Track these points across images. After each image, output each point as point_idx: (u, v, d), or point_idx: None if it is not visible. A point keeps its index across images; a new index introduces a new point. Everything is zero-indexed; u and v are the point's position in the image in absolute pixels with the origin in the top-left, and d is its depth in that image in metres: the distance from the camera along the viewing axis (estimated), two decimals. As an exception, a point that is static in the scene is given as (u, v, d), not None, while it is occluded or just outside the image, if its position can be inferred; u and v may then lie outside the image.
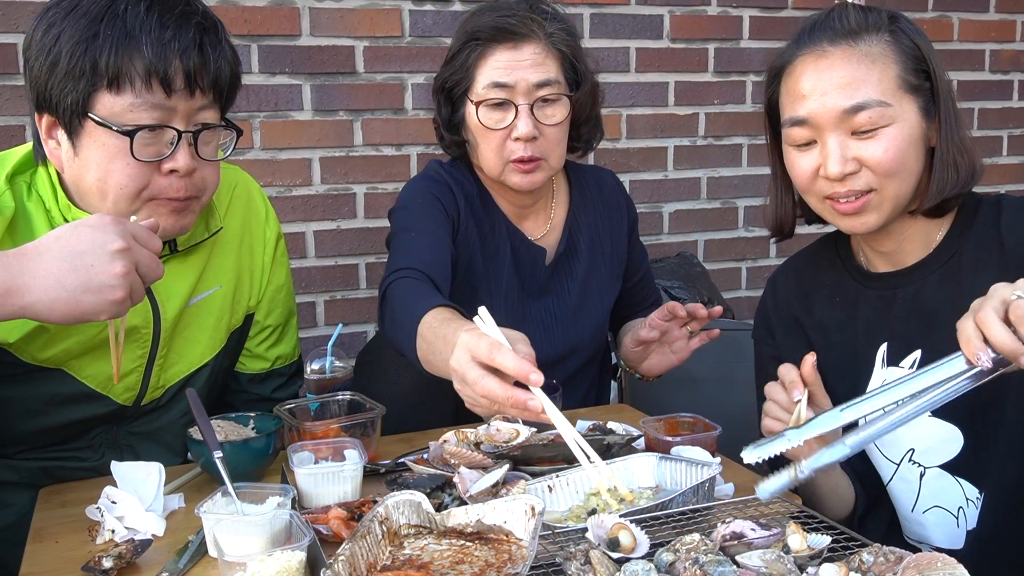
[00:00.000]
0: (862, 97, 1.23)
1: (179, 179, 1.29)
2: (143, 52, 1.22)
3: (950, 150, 1.26)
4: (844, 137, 1.25)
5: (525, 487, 1.14)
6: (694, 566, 0.90)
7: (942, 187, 1.27)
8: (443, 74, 1.69)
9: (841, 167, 1.24)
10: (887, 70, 1.24)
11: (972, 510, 1.30)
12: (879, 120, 1.23)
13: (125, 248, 1.08)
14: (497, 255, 1.74)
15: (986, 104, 3.21)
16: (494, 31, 1.60)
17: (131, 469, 1.21)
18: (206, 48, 1.28)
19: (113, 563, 1.04)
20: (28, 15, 2.21)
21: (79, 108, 1.23)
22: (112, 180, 1.26)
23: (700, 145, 2.92)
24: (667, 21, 2.82)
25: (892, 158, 1.24)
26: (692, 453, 1.30)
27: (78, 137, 1.26)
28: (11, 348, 1.30)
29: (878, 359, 1.36)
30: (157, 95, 1.24)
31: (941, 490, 1.32)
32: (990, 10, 3.16)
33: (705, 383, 2.07)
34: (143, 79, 1.23)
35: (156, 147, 1.27)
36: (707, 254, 2.98)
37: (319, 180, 2.53)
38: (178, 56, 1.24)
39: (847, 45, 1.25)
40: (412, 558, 0.98)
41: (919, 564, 0.88)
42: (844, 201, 1.27)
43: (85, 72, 1.22)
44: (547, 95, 1.63)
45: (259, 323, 1.60)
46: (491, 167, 1.67)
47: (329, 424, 1.36)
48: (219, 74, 1.30)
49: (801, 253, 1.55)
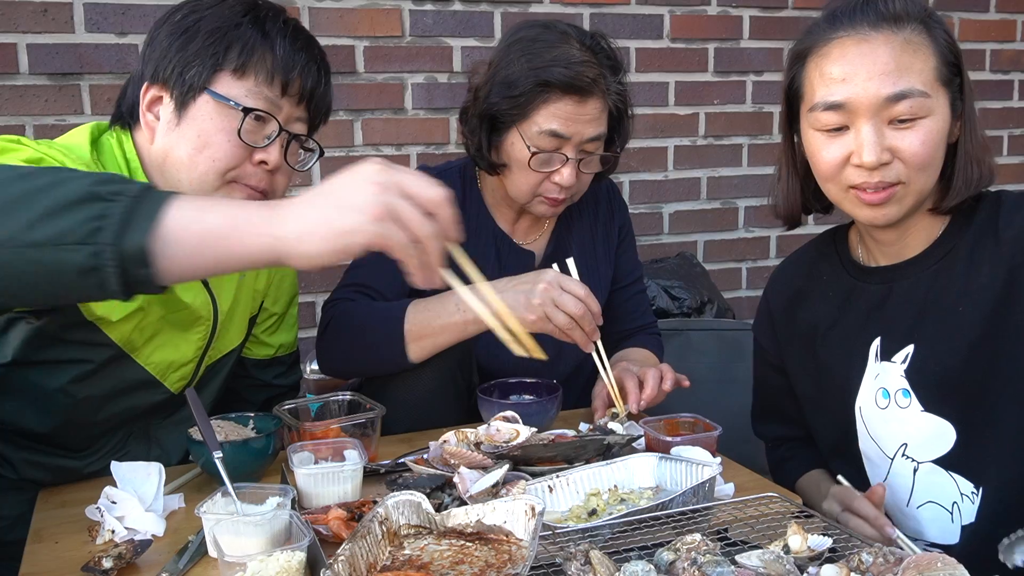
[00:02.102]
0: (905, 85, 1.20)
1: (264, 171, 1.36)
2: (275, 52, 1.34)
3: (974, 147, 1.25)
4: (881, 125, 1.22)
5: (525, 487, 1.14)
6: (693, 566, 0.90)
7: (968, 183, 1.26)
8: (494, 101, 1.62)
9: (877, 155, 1.21)
10: (928, 60, 1.22)
11: (967, 505, 1.30)
12: (919, 111, 1.21)
13: (380, 169, 1.01)
14: (480, 259, 1.73)
15: (986, 104, 3.21)
16: (566, 86, 1.56)
17: (131, 469, 1.21)
18: (322, 73, 1.41)
19: (113, 563, 1.04)
20: (28, 15, 2.21)
21: (200, 82, 1.30)
22: (208, 152, 1.31)
23: (700, 145, 2.92)
24: (667, 21, 2.82)
25: (928, 151, 1.22)
26: (692, 453, 1.30)
27: (186, 110, 1.32)
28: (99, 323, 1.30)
29: (871, 354, 1.36)
30: (274, 91, 1.33)
31: (935, 485, 1.32)
32: (990, 10, 3.16)
33: (705, 383, 2.07)
34: (268, 73, 1.33)
35: (256, 135, 1.34)
36: (707, 254, 2.98)
37: (319, 180, 2.53)
38: (301, 67, 1.36)
39: (890, 31, 1.22)
40: (412, 558, 0.98)
41: (919, 564, 0.88)
42: (871, 191, 1.25)
43: (218, 52, 1.31)
44: (593, 149, 1.64)
45: (267, 310, 1.64)
46: (520, 195, 1.68)
47: (329, 424, 1.36)
48: (324, 98, 1.42)
49: (799, 250, 1.55)
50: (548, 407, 1.52)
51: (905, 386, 1.32)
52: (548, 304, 1.43)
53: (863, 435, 1.39)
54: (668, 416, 1.45)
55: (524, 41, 1.62)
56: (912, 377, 1.31)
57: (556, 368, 1.78)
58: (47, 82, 2.25)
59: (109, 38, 2.28)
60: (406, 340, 1.52)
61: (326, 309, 1.64)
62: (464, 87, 2.59)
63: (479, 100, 1.65)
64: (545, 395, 1.56)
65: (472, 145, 1.69)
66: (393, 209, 0.99)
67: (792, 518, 1.06)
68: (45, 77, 2.25)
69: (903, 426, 1.32)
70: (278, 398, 1.59)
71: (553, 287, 1.43)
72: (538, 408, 1.51)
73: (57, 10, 2.24)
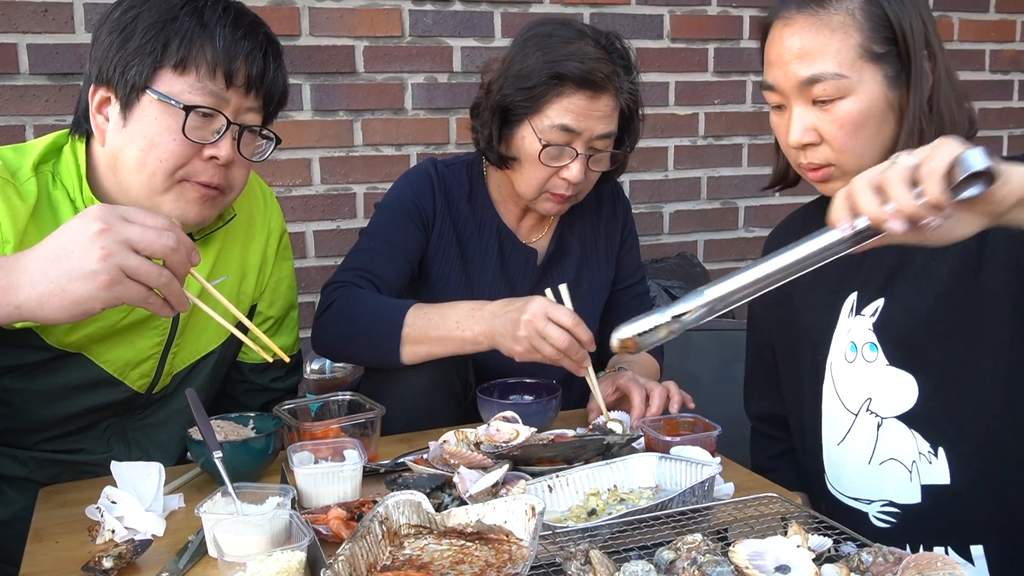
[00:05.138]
0: (818, 69, 1.23)
1: (216, 166, 1.34)
2: (215, 43, 1.30)
3: (916, 118, 1.25)
4: (806, 106, 1.26)
5: (525, 487, 1.14)
6: (693, 566, 0.90)
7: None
8: (507, 93, 1.62)
9: (800, 136, 1.27)
10: (847, 39, 1.23)
11: (924, 464, 1.30)
12: (834, 92, 1.24)
13: (104, 229, 1.05)
14: (482, 255, 1.76)
15: (986, 104, 3.21)
16: (580, 80, 1.57)
17: (131, 469, 1.21)
18: (269, 58, 1.36)
19: (113, 563, 1.04)
20: (28, 15, 2.21)
21: (141, 81, 1.28)
22: (155, 153, 1.30)
23: (700, 145, 2.92)
24: (667, 21, 2.82)
25: (847, 134, 1.25)
26: (692, 453, 1.30)
27: (131, 110, 1.30)
28: (38, 330, 1.31)
29: (846, 309, 1.37)
30: (217, 84, 1.30)
31: (897, 442, 1.32)
32: (990, 10, 3.16)
33: (705, 383, 2.07)
34: (209, 66, 1.29)
35: (203, 131, 1.32)
36: (707, 254, 2.98)
37: (319, 180, 2.53)
38: (244, 55, 1.32)
39: (811, 12, 1.25)
40: (412, 558, 0.98)
41: (919, 564, 0.88)
42: (810, 170, 1.31)
43: (156, 50, 1.28)
44: (603, 147, 1.64)
45: (261, 314, 1.62)
46: (527, 191, 1.68)
47: (329, 424, 1.36)
48: (274, 84, 1.38)
49: (790, 216, 1.59)
50: (548, 407, 1.52)
51: (873, 340, 1.32)
52: (534, 336, 1.42)
53: (829, 393, 1.39)
54: (668, 416, 1.45)
55: (540, 36, 1.63)
56: (880, 331, 1.32)
57: (556, 368, 1.78)
58: (47, 82, 2.25)
59: (109, 38, 2.28)
60: (402, 342, 1.53)
61: (327, 291, 1.64)
62: (464, 87, 2.61)
63: (492, 93, 1.66)
64: (545, 395, 1.56)
65: (483, 138, 1.69)
66: (123, 271, 1.05)
67: (792, 518, 1.06)
68: (45, 77, 2.25)
69: (868, 380, 1.33)
70: (276, 401, 1.59)
71: (538, 319, 1.41)
72: (538, 408, 1.51)
73: (57, 10, 2.24)
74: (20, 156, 1.34)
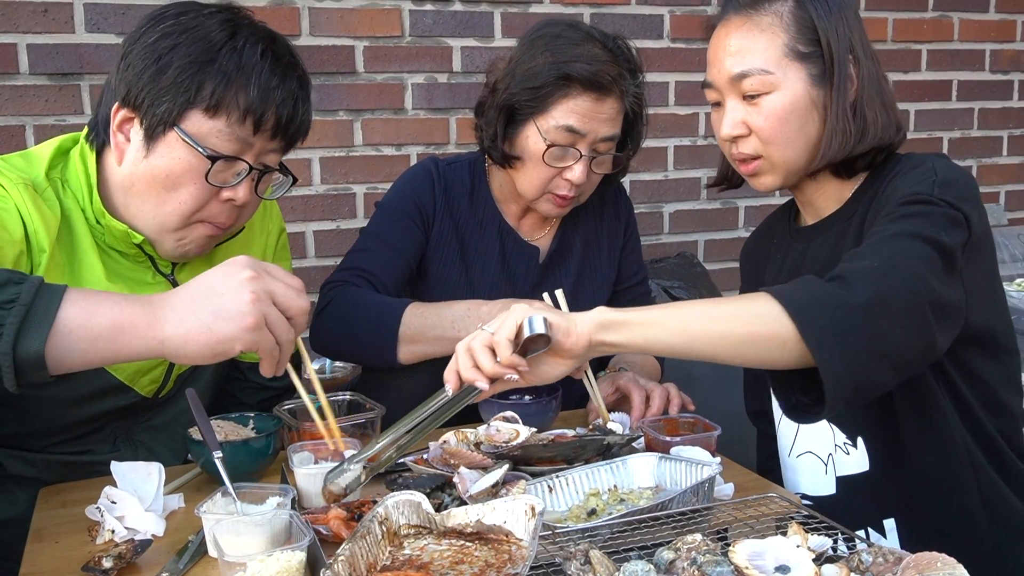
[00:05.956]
0: (747, 65, 1.32)
1: (232, 208, 1.35)
2: (249, 90, 1.29)
3: (839, 118, 1.32)
4: (738, 102, 1.34)
5: (525, 487, 1.14)
6: (692, 566, 0.90)
7: (827, 152, 1.33)
8: (514, 92, 1.62)
9: (730, 129, 1.35)
10: (774, 39, 1.32)
11: (840, 456, 1.34)
12: (761, 87, 1.31)
13: (254, 276, 1.10)
14: (484, 253, 1.76)
15: (986, 104, 3.21)
16: (587, 81, 1.57)
17: (131, 469, 1.21)
18: (299, 103, 1.36)
19: (113, 563, 1.04)
20: (28, 15, 2.21)
21: (170, 119, 1.28)
22: (176, 195, 1.31)
23: (700, 145, 2.92)
24: (667, 21, 2.82)
25: (772, 125, 1.32)
26: (692, 453, 1.30)
27: (155, 143, 1.29)
28: None
29: None
30: (245, 131, 1.30)
31: (814, 435, 1.37)
32: (990, 10, 3.16)
33: (705, 383, 2.06)
34: (240, 113, 1.29)
35: (225, 174, 1.32)
36: (707, 254, 2.99)
37: (319, 180, 2.53)
38: (276, 104, 1.31)
39: (744, 15, 1.34)
40: (412, 558, 0.98)
41: (919, 564, 0.88)
42: (741, 163, 1.38)
43: (190, 90, 1.27)
44: (606, 149, 1.65)
45: None
46: (529, 191, 1.68)
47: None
48: (300, 128, 1.39)
49: (766, 219, 1.63)
50: (548, 407, 1.53)
51: None
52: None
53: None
54: (668, 416, 1.45)
55: (548, 37, 1.63)
56: None
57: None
58: (47, 82, 2.25)
59: (109, 38, 2.28)
60: (399, 342, 1.53)
61: (324, 290, 1.65)
62: (464, 87, 2.61)
63: (498, 92, 1.66)
64: (545, 395, 1.56)
65: (487, 136, 1.70)
66: (265, 318, 1.10)
67: (792, 518, 1.06)
68: (45, 77, 2.25)
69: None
70: (274, 399, 1.59)
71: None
72: (538, 408, 1.51)
73: (57, 10, 2.24)
74: (31, 165, 1.34)
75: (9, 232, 1.23)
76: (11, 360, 0.99)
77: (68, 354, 1.03)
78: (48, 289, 1.04)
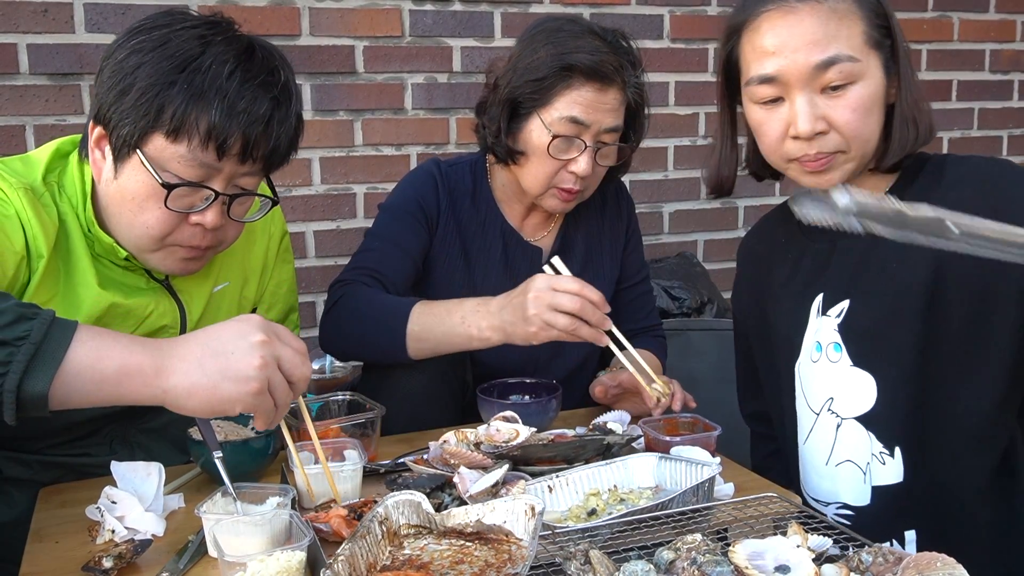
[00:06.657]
0: (834, 51, 1.23)
1: (203, 231, 1.33)
2: (210, 114, 1.23)
3: (909, 107, 1.28)
4: (813, 95, 1.25)
5: (525, 487, 1.14)
6: (692, 566, 0.90)
7: (903, 144, 1.28)
8: (516, 85, 1.63)
9: (812, 125, 1.24)
10: (855, 26, 1.25)
11: (876, 465, 1.31)
12: (848, 76, 1.23)
13: (265, 341, 1.08)
14: (486, 254, 1.76)
15: (986, 104, 3.21)
16: (589, 72, 1.58)
17: (131, 469, 1.21)
18: (272, 123, 1.29)
19: (113, 563, 1.04)
20: (28, 15, 2.21)
21: (132, 140, 1.25)
22: (142, 218, 1.29)
23: (700, 145, 2.92)
24: (667, 21, 2.82)
25: (859, 118, 1.25)
26: (692, 453, 1.30)
27: (123, 164, 1.28)
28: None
29: (814, 309, 1.38)
30: (209, 156, 1.26)
31: (853, 443, 1.33)
32: (990, 10, 3.16)
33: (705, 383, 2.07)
34: (201, 138, 1.24)
35: (191, 199, 1.29)
36: (707, 254, 2.99)
37: (319, 180, 2.53)
38: (242, 127, 1.25)
39: (815, 1, 1.25)
40: (412, 558, 0.98)
41: (919, 564, 0.88)
42: (810, 161, 1.28)
43: (150, 113, 1.23)
44: (610, 140, 1.65)
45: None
46: (534, 186, 1.68)
47: (329, 424, 1.36)
48: (276, 149, 1.32)
49: (764, 217, 1.60)
50: (548, 407, 1.52)
51: (837, 340, 1.33)
52: (544, 311, 1.40)
53: (798, 392, 1.40)
54: (668, 416, 1.45)
55: (549, 31, 1.64)
56: (844, 331, 1.33)
57: (556, 368, 1.78)
58: (47, 82, 2.25)
59: (109, 38, 2.26)
60: (408, 339, 1.53)
61: (333, 289, 1.64)
62: (464, 87, 2.61)
63: (500, 88, 1.66)
64: (545, 395, 1.56)
65: (490, 133, 1.69)
66: (269, 383, 1.08)
67: (792, 518, 1.06)
68: (45, 77, 2.25)
69: (831, 380, 1.34)
70: None
71: (544, 293, 1.41)
72: (538, 408, 1.51)
73: (57, 10, 2.24)
74: (30, 169, 1.33)
75: (11, 241, 1.22)
76: (14, 397, 0.99)
77: (72, 394, 1.03)
78: (59, 327, 1.02)
